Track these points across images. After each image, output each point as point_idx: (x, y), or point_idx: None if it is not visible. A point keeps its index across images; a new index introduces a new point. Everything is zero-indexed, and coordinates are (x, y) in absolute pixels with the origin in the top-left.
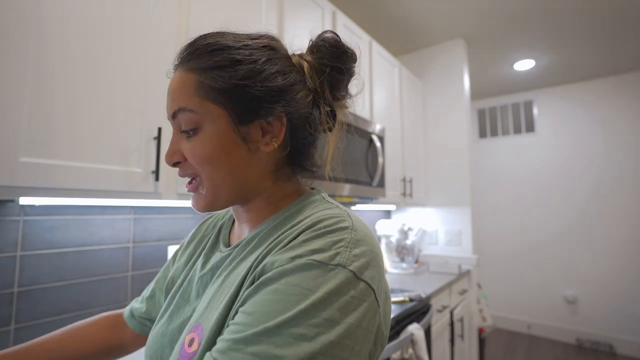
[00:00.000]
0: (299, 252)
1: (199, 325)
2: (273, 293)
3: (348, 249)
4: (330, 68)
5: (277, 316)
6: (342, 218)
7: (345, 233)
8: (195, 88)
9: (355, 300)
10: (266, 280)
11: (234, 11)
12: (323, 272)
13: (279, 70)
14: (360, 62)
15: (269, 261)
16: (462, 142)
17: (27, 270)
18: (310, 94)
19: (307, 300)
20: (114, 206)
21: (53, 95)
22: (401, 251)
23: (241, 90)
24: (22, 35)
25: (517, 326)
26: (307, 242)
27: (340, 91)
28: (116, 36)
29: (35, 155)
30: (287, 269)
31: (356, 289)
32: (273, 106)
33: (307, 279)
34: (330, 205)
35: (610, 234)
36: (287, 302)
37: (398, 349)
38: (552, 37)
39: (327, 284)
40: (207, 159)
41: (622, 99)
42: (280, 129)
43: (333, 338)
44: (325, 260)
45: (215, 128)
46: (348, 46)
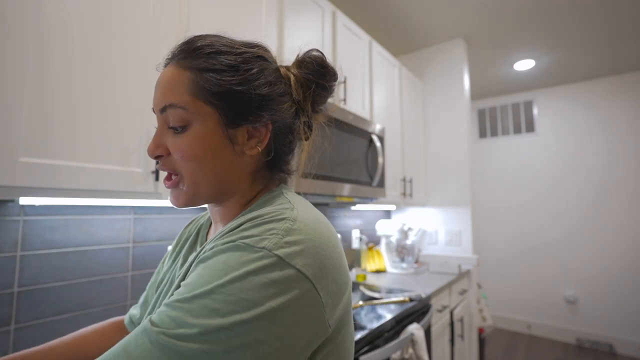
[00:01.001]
0: (233, 237)
1: None
2: (203, 268)
3: (278, 236)
4: (315, 85)
5: (197, 288)
6: (283, 211)
7: (280, 223)
8: (189, 86)
9: (279, 285)
10: (203, 258)
11: (234, 11)
12: (247, 254)
13: (270, 81)
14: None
15: (209, 246)
16: (462, 142)
17: (27, 270)
18: (294, 105)
19: (226, 277)
20: (114, 206)
21: (53, 95)
22: (401, 251)
23: (235, 95)
24: (22, 35)
25: (517, 326)
26: (243, 230)
27: (320, 105)
28: (116, 36)
29: (35, 155)
30: (219, 249)
31: (282, 273)
32: (261, 113)
33: (232, 257)
34: (283, 201)
35: (611, 233)
36: (210, 276)
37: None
38: (552, 37)
39: (249, 264)
40: (193, 156)
41: (622, 99)
42: (265, 134)
43: (246, 317)
44: (252, 243)
45: (204, 128)
46: (332, 66)
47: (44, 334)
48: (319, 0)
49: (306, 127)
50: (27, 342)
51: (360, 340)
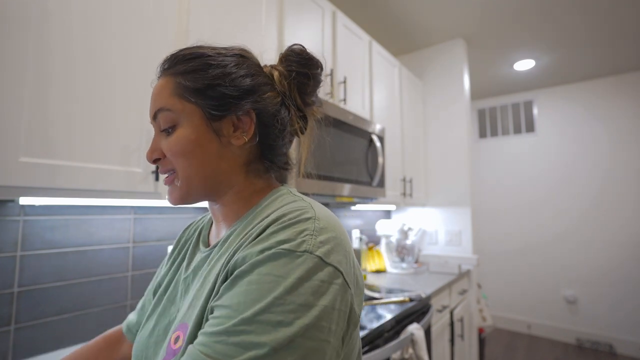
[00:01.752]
0: (267, 244)
1: (184, 323)
2: (247, 284)
3: (313, 237)
4: (296, 73)
5: (253, 305)
6: (305, 210)
7: (308, 223)
8: (173, 90)
9: (325, 284)
10: (240, 273)
11: (234, 11)
12: (291, 260)
13: (247, 73)
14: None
15: (240, 256)
16: (462, 142)
17: (27, 270)
18: (279, 96)
19: (280, 287)
20: (114, 206)
21: (53, 95)
22: (401, 251)
23: (212, 89)
24: (22, 35)
25: (517, 326)
26: (274, 234)
27: (309, 96)
28: (116, 36)
29: (35, 155)
30: (257, 260)
31: (324, 272)
32: (241, 103)
33: (277, 267)
34: (296, 198)
35: (611, 233)
36: (261, 290)
37: (398, 349)
38: (552, 37)
39: (296, 270)
40: (182, 151)
41: (622, 99)
42: (249, 124)
43: (309, 321)
44: (292, 248)
45: (190, 124)
46: (313, 55)
47: (44, 334)
48: (319, 0)
49: (299, 120)
50: (27, 342)
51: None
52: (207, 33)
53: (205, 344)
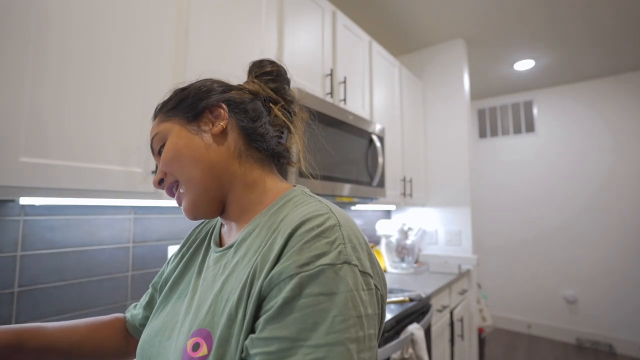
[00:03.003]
0: (305, 260)
1: (203, 329)
2: (301, 309)
3: (347, 247)
4: (260, 74)
5: (315, 329)
6: (327, 215)
7: (337, 231)
8: (159, 120)
9: (365, 292)
10: (287, 299)
11: (234, 11)
12: (335, 273)
13: (212, 82)
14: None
15: (276, 273)
16: (462, 142)
17: (27, 270)
18: (247, 93)
19: (334, 305)
20: (114, 206)
21: (53, 95)
22: (401, 251)
23: (184, 101)
24: (22, 35)
25: (517, 326)
26: (307, 247)
27: (281, 91)
28: (116, 36)
29: (35, 155)
30: (301, 282)
31: (363, 281)
32: (210, 100)
33: (324, 284)
34: (311, 200)
35: (611, 233)
36: (318, 311)
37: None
38: (552, 37)
39: (342, 283)
40: (173, 157)
41: (622, 99)
42: (223, 113)
43: (364, 333)
44: (333, 262)
45: (174, 134)
46: (265, 58)
47: None
48: (319, 0)
49: (283, 111)
50: None
51: None
52: (206, 34)
53: None
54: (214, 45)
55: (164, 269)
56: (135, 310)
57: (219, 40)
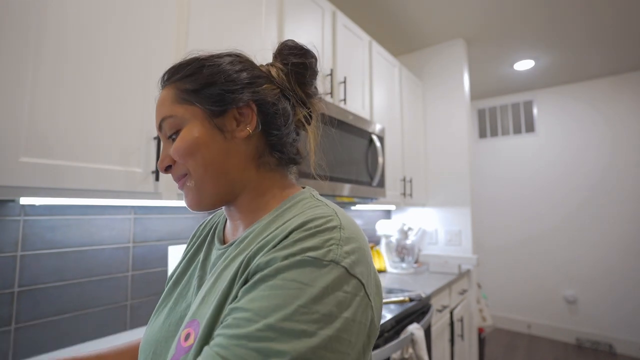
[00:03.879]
0: (293, 250)
1: (194, 320)
2: (270, 289)
3: (339, 247)
4: (292, 64)
5: (277, 311)
6: (331, 217)
7: (334, 232)
8: (173, 98)
9: (349, 296)
10: (262, 277)
11: (234, 12)
12: (317, 268)
13: (241, 69)
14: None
15: (264, 260)
16: (462, 142)
17: (27, 270)
18: (277, 88)
19: (305, 295)
20: (114, 206)
21: (53, 95)
22: (401, 251)
23: (209, 87)
24: (22, 35)
25: (517, 326)
26: (299, 241)
27: (308, 86)
28: (116, 36)
29: (35, 155)
30: (282, 265)
31: (349, 284)
32: (240, 95)
33: (302, 274)
34: (319, 204)
35: (611, 234)
36: (286, 296)
37: (398, 349)
38: (552, 37)
39: (322, 279)
40: (186, 151)
41: (622, 99)
42: (251, 115)
43: (332, 333)
44: (319, 257)
45: (192, 124)
46: (305, 46)
47: (44, 334)
48: (319, 0)
49: (302, 108)
50: (27, 342)
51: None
52: (207, 34)
53: (224, 346)
54: (214, 45)
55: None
56: None
57: (219, 40)
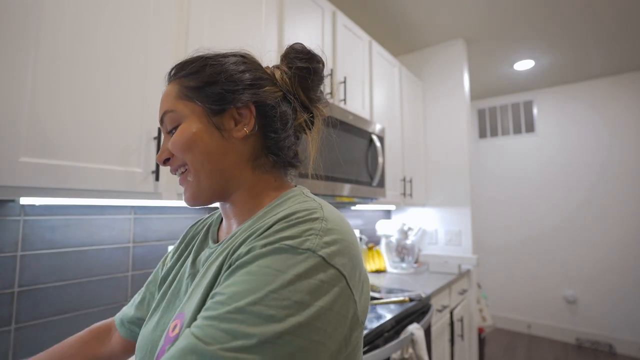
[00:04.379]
0: (271, 239)
1: (182, 312)
2: (246, 274)
3: (318, 237)
4: (296, 68)
5: (247, 295)
6: (314, 210)
7: (315, 223)
8: (176, 93)
9: (325, 285)
10: (241, 263)
11: (234, 11)
12: (293, 256)
13: (244, 70)
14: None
15: (245, 249)
16: (462, 142)
17: (27, 270)
18: (280, 91)
19: (277, 281)
20: (114, 206)
21: (53, 95)
22: (401, 251)
23: (210, 85)
24: (22, 35)
25: (517, 326)
26: (279, 231)
27: (312, 91)
28: (116, 36)
29: (35, 155)
30: (259, 253)
31: (326, 273)
32: (239, 96)
33: (277, 261)
34: (307, 199)
35: (611, 233)
36: (258, 282)
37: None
38: (552, 37)
39: (296, 266)
40: (183, 145)
41: (622, 99)
42: (249, 116)
43: (302, 319)
44: (295, 245)
45: (191, 120)
46: (313, 50)
47: (44, 334)
48: (319, 0)
49: (303, 113)
50: (27, 342)
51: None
52: (206, 34)
53: (199, 325)
54: (214, 45)
55: (160, 268)
56: (127, 310)
57: (218, 40)
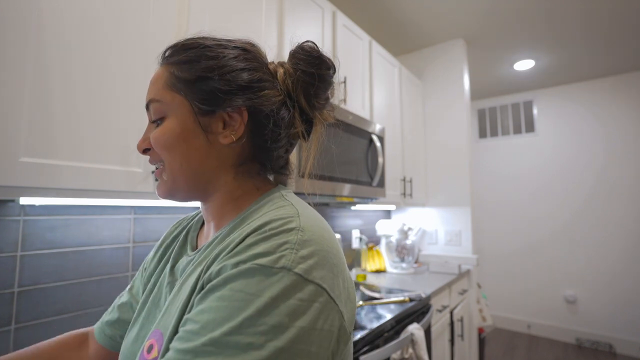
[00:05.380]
0: (243, 257)
1: (157, 330)
2: (218, 300)
3: (294, 251)
4: (301, 72)
5: (222, 324)
6: (290, 219)
7: (291, 235)
8: (166, 80)
9: (304, 303)
10: (212, 287)
11: (233, 12)
12: (266, 277)
13: (245, 68)
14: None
15: (216, 268)
16: (462, 142)
17: (27, 270)
18: (280, 94)
19: (252, 307)
20: (114, 206)
21: (53, 95)
22: (401, 251)
23: (202, 81)
24: (22, 35)
25: (517, 326)
26: (252, 246)
27: (315, 97)
28: (116, 36)
29: (35, 155)
30: (231, 274)
31: (303, 291)
32: (233, 99)
33: (250, 284)
34: (284, 204)
35: (611, 233)
36: (232, 308)
37: (398, 349)
38: (552, 37)
39: (271, 288)
40: (165, 145)
41: (622, 99)
42: (239, 122)
43: (282, 344)
44: (268, 264)
45: (176, 116)
46: (323, 54)
47: (44, 334)
48: (319, 0)
49: (301, 122)
50: (27, 342)
51: (360, 340)
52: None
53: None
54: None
55: (141, 272)
56: (108, 316)
57: None
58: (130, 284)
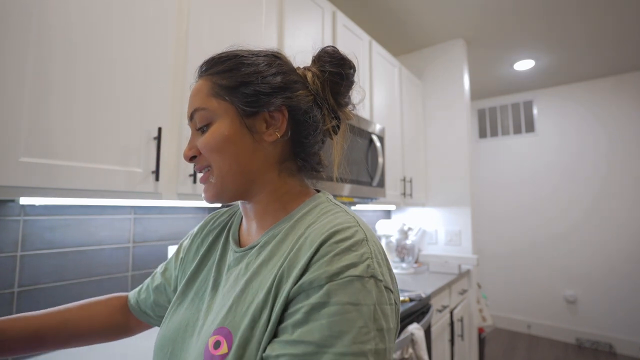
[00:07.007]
0: (335, 270)
1: (224, 328)
2: (329, 316)
3: (374, 260)
4: (329, 73)
5: (341, 337)
6: (356, 229)
7: (364, 245)
8: (209, 90)
9: (388, 307)
10: (316, 305)
11: (234, 12)
12: (363, 285)
13: (278, 71)
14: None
15: (306, 280)
16: (462, 142)
17: (27, 270)
18: (311, 94)
19: (361, 316)
20: (114, 206)
21: (53, 95)
22: (401, 251)
23: (245, 86)
24: (22, 35)
25: (517, 326)
26: (338, 257)
27: (341, 96)
28: (116, 36)
29: (35, 155)
30: (331, 289)
31: (386, 296)
32: (273, 99)
33: (352, 294)
34: (336, 209)
35: (611, 233)
36: (345, 321)
37: (398, 349)
38: (552, 37)
39: (369, 296)
40: (215, 147)
41: (622, 99)
42: (281, 120)
43: (385, 345)
44: (361, 274)
45: (224, 120)
46: (345, 55)
47: None
48: (319, 1)
49: (331, 118)
50: None
51: None
52: (207, 34)
53: None
54: (214, 45)
55: (174, 259)
56: (142, 295)
57: (218, 40)
58: (161, 266)
